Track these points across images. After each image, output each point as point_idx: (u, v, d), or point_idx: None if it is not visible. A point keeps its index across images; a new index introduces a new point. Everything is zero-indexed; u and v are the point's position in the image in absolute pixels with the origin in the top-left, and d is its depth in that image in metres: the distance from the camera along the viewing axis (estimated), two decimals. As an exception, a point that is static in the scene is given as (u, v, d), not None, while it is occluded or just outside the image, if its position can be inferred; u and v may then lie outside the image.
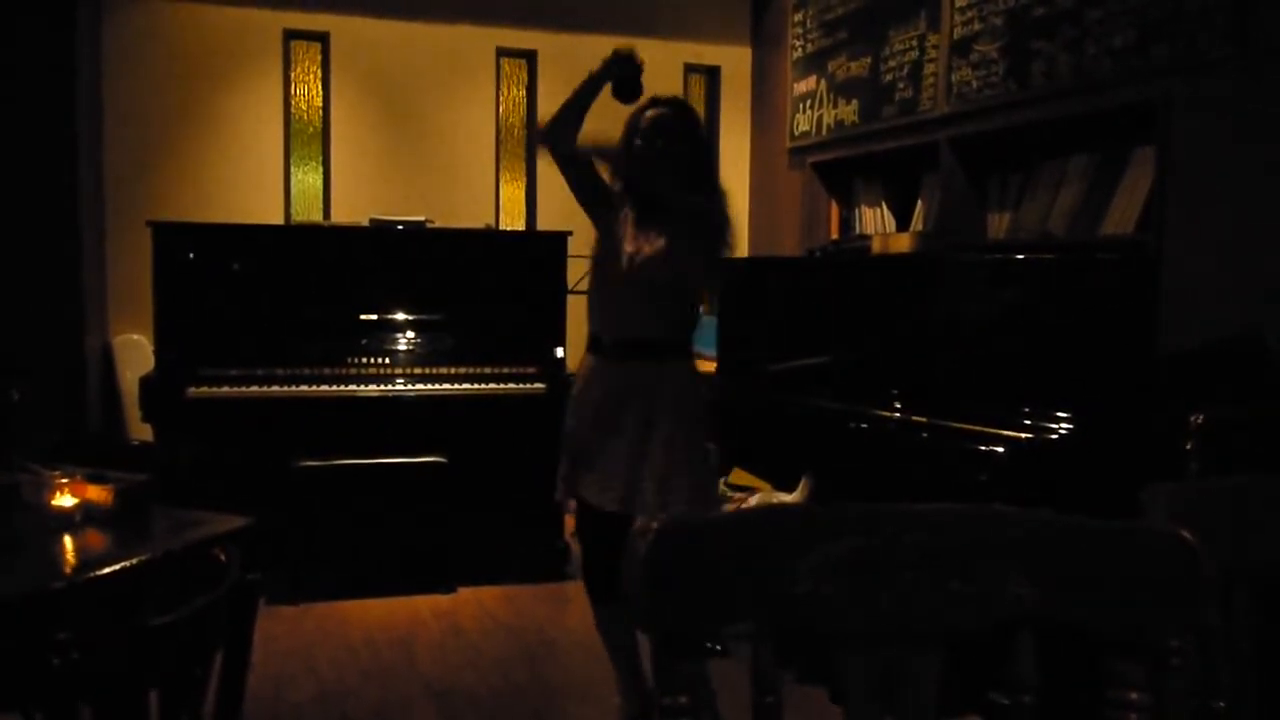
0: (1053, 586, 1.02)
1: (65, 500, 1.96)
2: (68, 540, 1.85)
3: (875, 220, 4.82)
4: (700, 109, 6.17)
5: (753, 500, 3.51)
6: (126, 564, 1.71)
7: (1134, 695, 1.01)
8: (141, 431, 4.49)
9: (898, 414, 3.23)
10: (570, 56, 5.68)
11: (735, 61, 6.04)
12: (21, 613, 1.53)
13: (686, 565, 1.02)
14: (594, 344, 2.79)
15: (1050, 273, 3.09)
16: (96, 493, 1.95)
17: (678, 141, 2.69)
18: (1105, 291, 2.96)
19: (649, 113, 2.71)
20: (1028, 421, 2.85)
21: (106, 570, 1.68)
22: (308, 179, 5.50)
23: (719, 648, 2.82)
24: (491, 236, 5.01)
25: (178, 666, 1.36)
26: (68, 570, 1.75)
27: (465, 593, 4.16)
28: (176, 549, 1.80)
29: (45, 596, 1.58)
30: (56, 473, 2.03)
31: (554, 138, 2.74)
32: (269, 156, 5.34)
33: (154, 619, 1.34)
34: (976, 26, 4.06)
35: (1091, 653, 1.06)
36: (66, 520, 1.92)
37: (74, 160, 4.75)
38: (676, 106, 2.77)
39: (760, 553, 1.04)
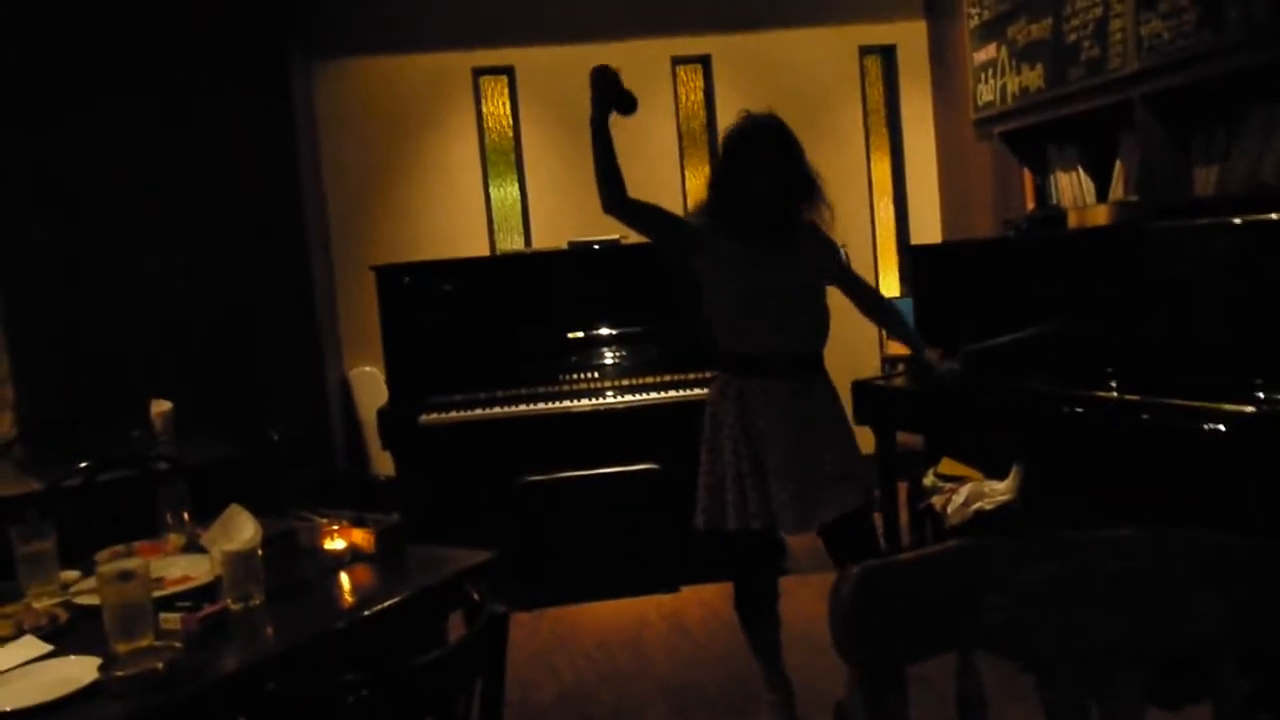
0: (1248, 607, 1.05)
1: (336, 544, 2.23)
2: (344, 581, 2.12)
3: (1072, 185, 4.66)
4: (879, 89, 6.11)
5: (963, 491, 3.51)
6: (393, 601, 1.95)
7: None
8: (383, 457, 4.91)
9: (1114, 394, 3.15)
10: (742, 56, 5.77)
11: (911, 37, 5.94)
12: (315, 652, 1.79)
13: (888, 604, 1.11)
14: (740, 363, 2.81)
15: (1265, 232, 2.93)
16: (361, 536, 2.22)
17: (771, 161, 2.72)
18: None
19: (740, 131, 2.78)
20: (1259, 395, 2.72)
21: (378, 608, 1.92)
22: (507, 204, 5.82)
23: None
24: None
25: (447, 697, 1.56)
26: (347, 610, 2.00)
27: (687, 591, 4.34)
28: (432, 584, 2.03)
29: (332, 636, 1.83)
30: (326, 520, 2.31)
31: (613, 201, 2.75)
32: (470, 188, 5.69)
33: (424, 655, 1.54)
34: (1164, -24, 3.87)
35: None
36: (339, 562, 2.19)
37: (300, 212, 5.21)
38: (758, 128, 2.78)
39: (956, 588, 1.11)
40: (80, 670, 1.69)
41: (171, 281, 5.01)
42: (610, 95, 2.76)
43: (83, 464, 3.09)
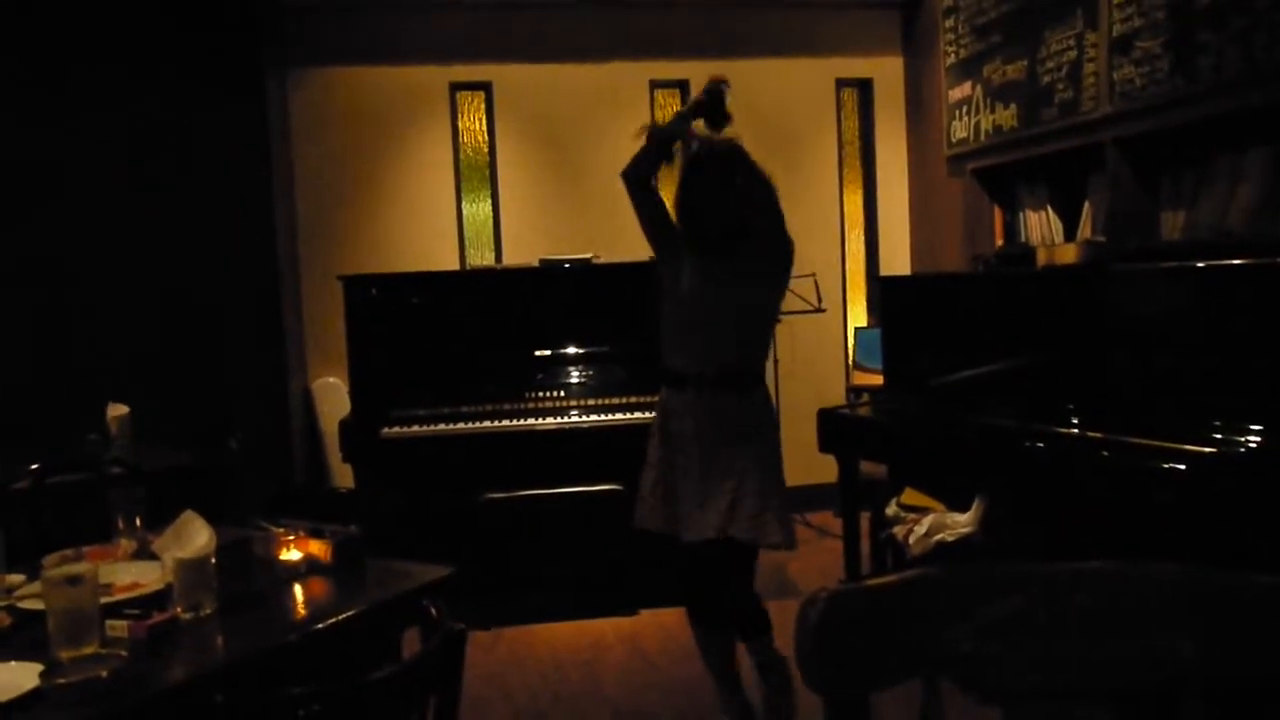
0: (1216, 643, 1.05)
1: (292, 555, 2.19)
2: (299, 593, 2.07)
3: (1040, 224, 4.72)
4: (854, 122, 6.16)
5: (925, 522, 3.51)
6: (348, 614, 1.91)
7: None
8: (343, 469, 4.85)
9: (1075, 430, 3.17)
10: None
11: (887, 72, 6.01)
12: (266, 664, 1.74)
13: (855, 630, 1.10)
14: (676, 379, 2.91)
15: (1229, 278, 2.97)
16: (317, 547, 2.17)
17: (719, 185, 2.83)
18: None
19: (694, 155, 2.90)
20: (1217, 435, 2.76)
21: (332, 621, 1.88)
22: (479, 221, 5.79)
23: None
24: (654, 266, 5.13)
25: (400, 714, 1.53)
26: (300, 622, 1.96)
27: (646, 615, 4.31)
28: (389, 599, 2.00)
29: (283, 648, 1.79)
30: (282, 529, 2.27)
31: (638, 178, 2.98)
32: (442, 202, 5.66)
33: (374, 669, 1.51)
34: (1137, 22, 3.94)
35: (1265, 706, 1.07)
36: (294, 574, 2.15)
37: (270, 220, 5.16)
38: (712, 155, 2.89)
39: (925, 615, 1.11)
40: (21, 677, 1.63)
41: (136, 286, 4.94)
42: (713, 102, 2.97)
43: (32, 466, 3.02)
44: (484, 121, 5.75)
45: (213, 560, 1.93)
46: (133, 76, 4.91)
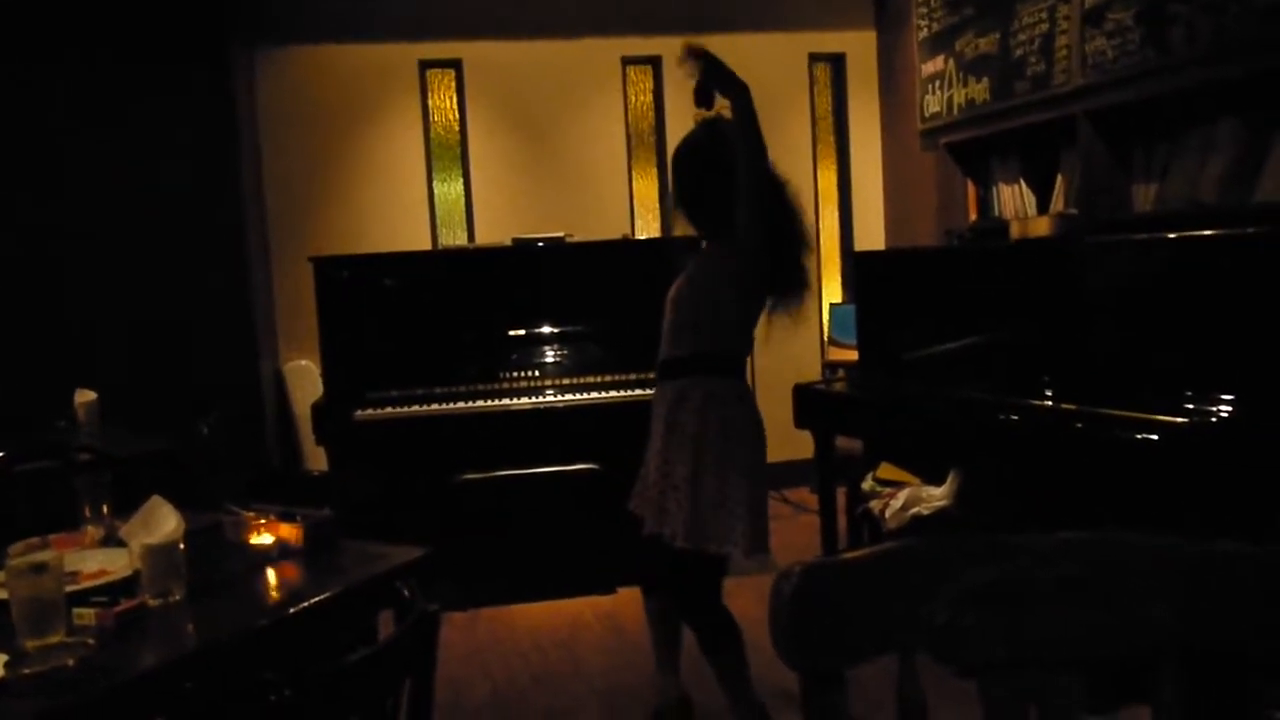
0: (1191, 611, 1.05)
1: (263, 539, 2.16)
2: (270, 577, 2.05)
3: (1014, 198, 4.72)
4: (827, 97, 6.15)
5: (901, 496, 3.52)
6: (320, 598, 1.88)
7: (1278, 715, 1.03)
8: (316, 452, 4.81)
9: (1049, 402, 3.19)
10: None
11: (860, 47, 5.99)
12: (237, 650, 1.72)
13: (829, 604, 1.09)
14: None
15: (1200, 249, 2.98)
16: (289, 531, 2.15)
17: (685, 174, 2.80)
18: (1264, 264, 2.84)
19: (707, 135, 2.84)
20: (1189, 406, 2.77)
21: (304, 605, 1.85)
22: (450, 200, 5.74)
23: None
24: (627, 245, 5.12)
25: (373, 697, 1.51)
26: (272, 607, 1.93)
27: (624, 593, 4.31)
28: (363, 581, 1.97)
29: (255, 633, 1.76)
30: (252, 513, 2.24)
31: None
32: (413, 181, 5.61)
33: (349, 653, 1.49)
34: (1109, -6, 3.94)
35: (1239, 674, 1.08)
36: (266, 558, 2.12)
37: (239, 201, 5.09)
38: (680, 148, 2.86)
39: (900, 588, 1.10)
40: (-15, 667, 1.60)
41: (105, 270, 4.86)
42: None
43: (-2, 453, 2.97)
44: (454, 99, 5.69)
45: (181, 546, 1.90)
46: (93, 53, 4.82)
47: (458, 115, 5.69)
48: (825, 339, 5.94)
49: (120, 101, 4.87)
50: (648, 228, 5.92)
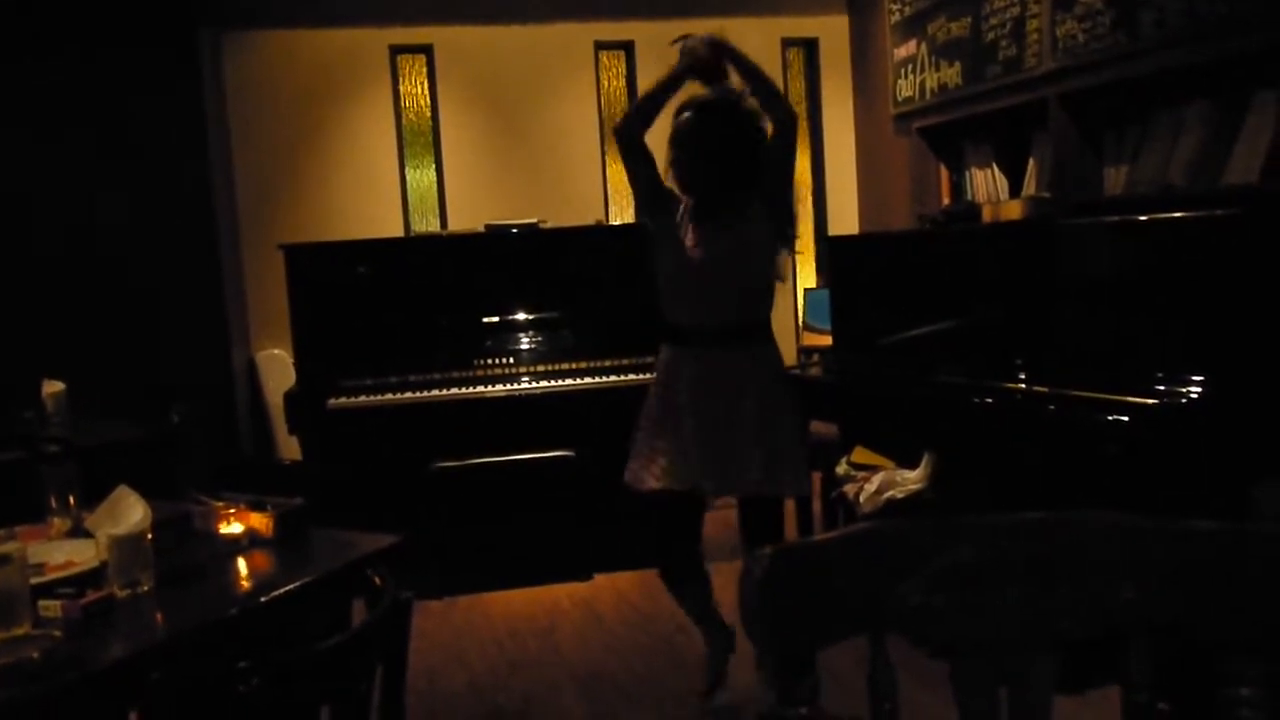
0: (1159, 590, 1.05)
1: (233, 528, 2.14)
2: (240, 567, 2.03)
3: (987, 182, 4.74)
4: (799, 83, 6.14)
5: (875, 480, 3.53)
6: (290, 587, 1.87)
7: (1245, 692, 1.03)
8: (289, 442, 4.77)
9: (1022, 385, 3.20)
10: (666, 43, 5.72)
11: (833, 31, 5.98)
12: (205, 640, 1.70)
13: (801, 585, 1.09)
14: (676, 335, 2.91)
15: (1170, 231, 3.00)
16: (259, 520, 2.13)
17: (713, 144, 2.78)
18: (1233, 246, 2.86)
19: (684, 116, 2.81)
20: (1160, 387, 2.79)
21: (274, 594, 1.83)
22: (422, 187, 5.70)
23: None
24: (602, 231, 5.10)
25: (345, 685, 1.50)
26: (242, 596, 1.92)
27: (601, 580, 4.31)
28: (335, 569, 1.96)
29: (224, 623, 1.74)
30: (222, 503, 2.21)
31: (630, 131, 2.89)
32: (385, 167, 5.56)
33: (322, 641, 1.47)
34: (1080, -22, 3.94)
35: (1206, 652, 1.08)
36: (236, 547, 2.10)
37: (208, 188, 5.03)
38: (705, 109, 2.82)
39: (869, 570, 1.09)
40: (-52, 660, 1.57)
41: (72, 258, 4.80)
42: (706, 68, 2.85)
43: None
44: (426, 85, 5.64)
45: (149, 536, 1.88)
46: (59, 37, 4.74)
47: (429, 101, 5.64)
48: (800, 324, 5.94)
49: (85, 87, 4.79)
50: (622, 213, 5.89)
